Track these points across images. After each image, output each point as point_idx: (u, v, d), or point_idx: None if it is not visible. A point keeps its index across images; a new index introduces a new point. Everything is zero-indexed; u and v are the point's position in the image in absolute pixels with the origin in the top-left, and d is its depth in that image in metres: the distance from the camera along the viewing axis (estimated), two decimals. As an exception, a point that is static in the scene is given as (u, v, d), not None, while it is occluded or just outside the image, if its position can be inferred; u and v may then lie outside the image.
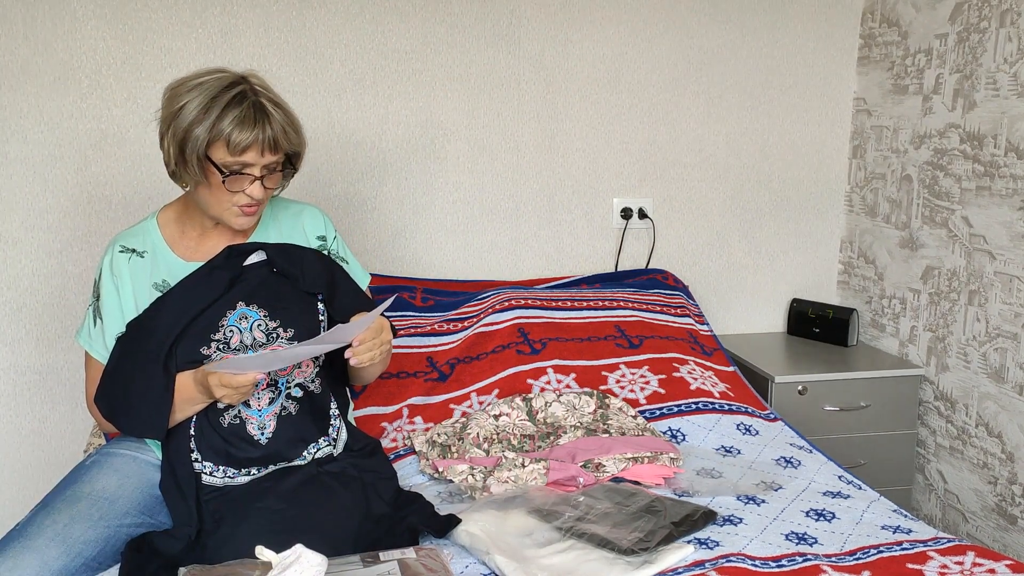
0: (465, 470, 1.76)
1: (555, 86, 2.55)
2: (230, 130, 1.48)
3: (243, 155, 1.51)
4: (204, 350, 1.56)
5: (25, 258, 2.32)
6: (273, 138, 1.52)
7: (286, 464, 1.59)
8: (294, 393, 1.61)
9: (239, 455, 1.56)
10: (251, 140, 1.49)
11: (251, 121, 1.50)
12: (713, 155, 2.69)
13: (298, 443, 1.59)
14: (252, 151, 1.51)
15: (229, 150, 1.50)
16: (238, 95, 1.50)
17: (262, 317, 1.60)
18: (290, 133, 1.56)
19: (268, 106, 1.53)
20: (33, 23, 2.23)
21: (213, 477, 1.56)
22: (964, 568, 1.42)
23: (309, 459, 1.59)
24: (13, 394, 2.37)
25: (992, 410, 2.26)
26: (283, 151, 1.57)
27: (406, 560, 1.37)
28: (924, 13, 2.43)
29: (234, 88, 1.51)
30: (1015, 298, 2.17)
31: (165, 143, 1.54)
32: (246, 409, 1.57)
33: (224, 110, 1.48)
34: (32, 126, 2.27)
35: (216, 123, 1.48)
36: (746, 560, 1.46)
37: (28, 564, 1.39)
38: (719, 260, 2.76)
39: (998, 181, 2.20)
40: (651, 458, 1.79)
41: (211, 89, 1.50)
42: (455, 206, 2.55)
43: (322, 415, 1.64)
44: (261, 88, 1.56)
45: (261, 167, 1.54)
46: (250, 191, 1.55)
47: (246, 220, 1.60)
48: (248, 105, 1.50)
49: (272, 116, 1.52)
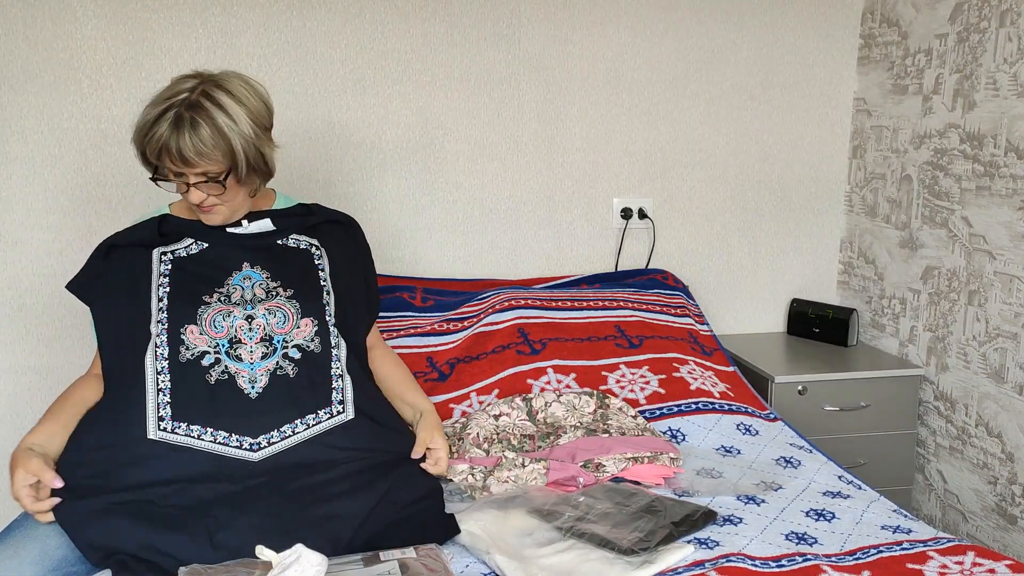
0: (465, 470, 1.76)
1: (555, 86, 2.55)
2: (144, 132, 1.52)
3: (160, 159, 1.54)
4: (205, 297, 1.59)
5: (25, 258, 2.32)
6: (178, 148, 1.50)
7: (279, 450, 1.53)
8: (292, 354, 1.59)
9: (225, 411, 1.52)
10: (156, 146, 1.51)
11: (165, 127, 1.50)
12: (713, 155, 2.69)
13: (292, 408, 1.55)
14: (166, 158, 1.53)
15: (149, 153, 1.54)
16: (176, 96, 1.52)
17: (264, 278, 1.64)
18: (208, 145, 1.51)
19: (200, 116, 1.50)
20: (33, 23, 2.23)
21: (199, 440, 1.50)
22: (964, 568, 1.42)
23: (308, 437, 1.55)
24: (13, 394, 2.37)
25: (992, 410, 2.26)
26: (199, 167, 1.54)
27: (406, 560, 1.37)
28: (924, 13, 2.43)
29: (183, 87, 1.53)
30: (1015, 298, 2.17)
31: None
32: (235, 362, 1.55)
33: (151, 108, 1.52)
34: (32, 126, 2.27)
35: (140, 123, 1.53)
36: (746, 560, 1.46)
37: (29, 553, 1.40)
38: (719, 260, 2.76)
39: (998, 181, 2.20)
40: (651, 458, 1.79)
41: (165, 89, 1.55)
42: (455, 206, 2.55)
43: (323, 379, 1.60)
44: (218, 90, 1.54)
45: (194, 175, 1.55)
46: (189, 196, 1.58)
47: (213, 218, 1.64)
48: (178, 112, 1.51)
49: (197, 126, 1.50)
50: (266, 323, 1.59)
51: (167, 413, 1.51)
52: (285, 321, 1.60)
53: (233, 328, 1.57)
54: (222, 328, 1.57)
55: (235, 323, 1.58)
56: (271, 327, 1.59)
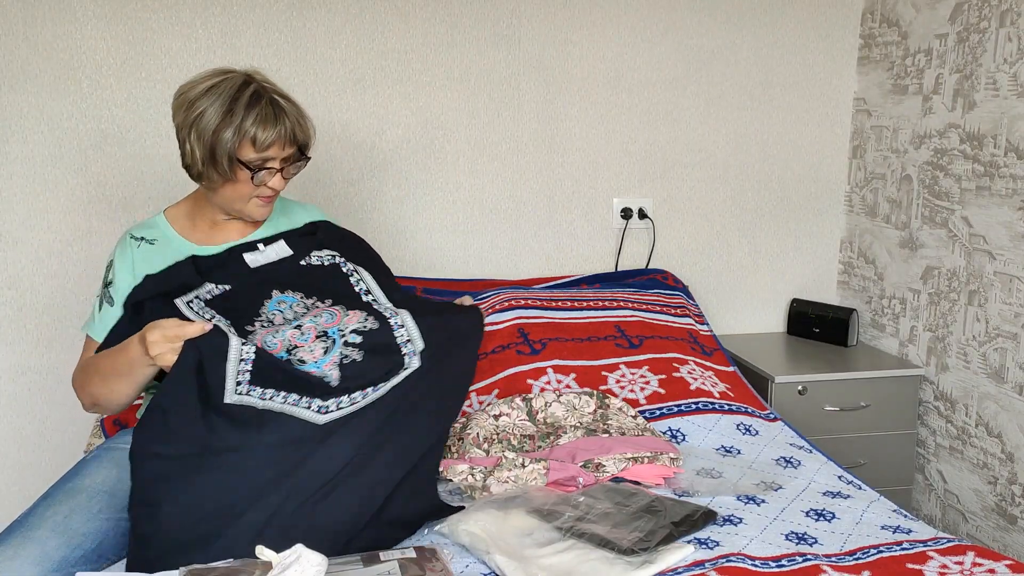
0: (465, 470, 1.76)
1: (555, 86, 2.55)
2: (255, 130, 1.57)
3: (267, 151, 1.60)
4: (248, 327, 1.60)
5: (25, 258, 2.32)
6: (292, 131, 1.62)
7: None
8: (351, 340, 1.61)
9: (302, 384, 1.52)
10: (274, 137, 1.59)
11: (272, 118, 1.59)
12: (713, 155, 2.69)
13: (368, 387, 1.57)
14: (275, 147, 1.61)
15: (256, 148, 1.59)
16: (254, 94, 1.59)
17: (299, 299, 1.67)
18: (303, 124, 1.67)
19: (281, 101, 1.63)
20: (33, 23, 2.23)
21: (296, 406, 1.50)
22: (964, 568, 1.42)
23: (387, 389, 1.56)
24: (13, 394, 2.37)
25: (992, 410, 2.26)
26: (299, 142, 1.66)
27: (406, 560, 1.37)
28: (924, 13, 2.43)
29: (248, 88, 1.59)
30: (1015, 298, 2.17)
31: (188, 147, 1.60)
32: (300, 365, 1.55)
33: (246, 111, 1.57)
34: (32, 126, 2.27)
35: (241, 124, 1.56)
36: (746, 560, 1.46)
37: (28, 554, 1.41)
38: (719, 260, 2.76)
39: (998, 181, 2.20)
40: (651, 458, 1.79)
41: (226, 92, 1.58)
42: (455, 206, 2.55)
43: (389, 351, 1.61)
44: (268, 84, 1.64)
45: (280, 159, 1.63)
46: (272, 183, 1.65)
47: (267, 210, 1.71)
48: (266, 103, 1.59)
49: (287, 111, 1.62)
50: (316, 324, 1.62)
51: (245, 379, 1.49)
52: (333, 317, 1.63)
53: (286, 339, 1.58)
54: (275, 344, 1.57)
55: (286, 334, 1.59)
56: (322, 326, 1.62)
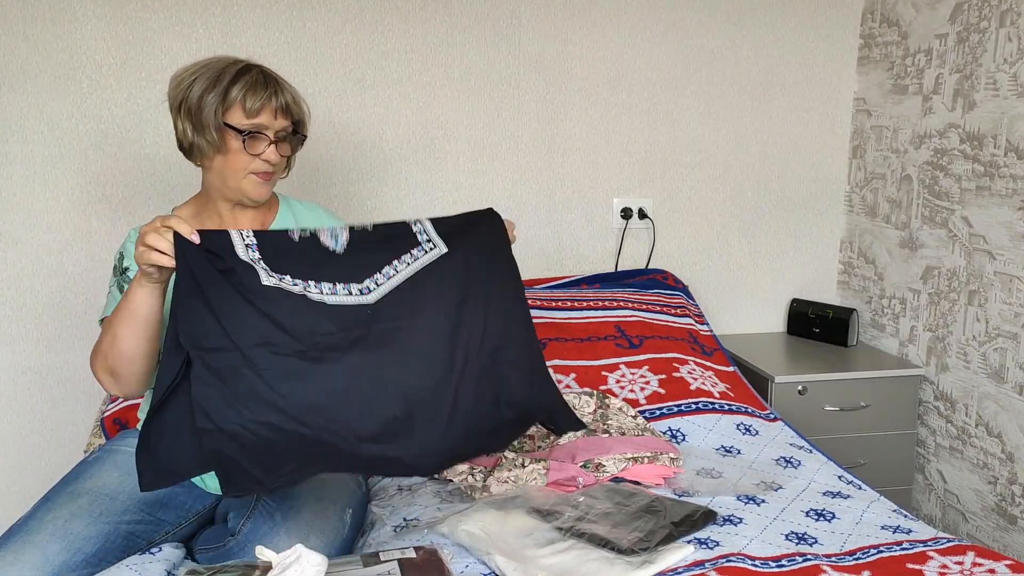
0: (465, 470, 1.76)
1: (555, 86, 2.55)
2: (243, 94, 1.56)
3: (258, 116, 1.58)
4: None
5: (26, 258, 2.32)
6: (285, 103, 1.61)
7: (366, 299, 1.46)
8: (366, 225, 1.55)
9: (312, 262, 1.47)
10: (264, 100, 1.57)
11: (262, 85, 1.58)
12: (713, 155, 2.69)
13: (392, 259, 1.53)
14: (266, 113, 1.58)
15: (245, 113, 1.57)
16: (244, 67, 1.59)
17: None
18: (297, 101, 1.65)
19: (274, 74, 1.63)
20: (33, 23, 2.23)
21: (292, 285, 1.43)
22: (964, 568, 1.42)
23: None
24: (14, 394, 2.37)
25: (992, 410, 2.26)
26: (293, 117, 1.64)
27: (406, 560, 1.37)
28: (924, 13, 2.43)
29: (239, 63, 1.60)
30: (1015, 298, 2.17)
31: (178, 123, 1.60)
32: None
33: (234, 78, 1.57)
34: (32, 126, 2.27)
35: (228, 89, 1.56)
36: (746, 560, 1.46)
37: (29, 559, 1.40)
38: (719, 260, 2.76)
39: (998, 181, 2.20)
40: (651, 458, 1.79)
41: (216, 66, 1.58)
42: (455, 206, 2.55)
43: (404, 235, 1.55)
44: (264, 67, 1.64)
45: (274, 132, 1.60)
46: (267, 155, 1.60)
47: (265, 189, 1.65)
48: (256, 72, 1.59)
49: (281, 82, 1.62)
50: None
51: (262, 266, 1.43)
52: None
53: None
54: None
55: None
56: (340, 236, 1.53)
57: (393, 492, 1.80)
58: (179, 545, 1.58)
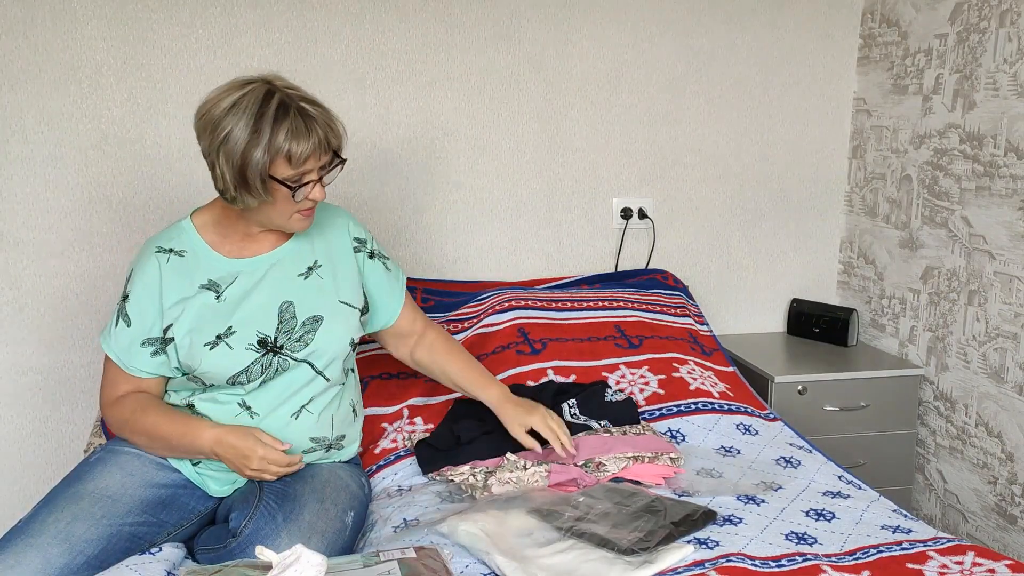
0: (466, 470, 1.76)
1: (555, 86, 2.55)
2: (288, 145, 1.48)
3: (304, 165, 1.52)
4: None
5: (26, 258, 2.32)
6: (325, 138, 1.53)
7: None
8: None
9: None
10: (310, 149, 1.50)
11: (304, 131, 1.49)
12: (713, 155, 2.69)
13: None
14: (311, 159, 1.52)
15: (291, 164, 1.50)
16: (280, 106, 1.49)
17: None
18: (334, 127, 1.56)
19: (308, 108, 1.52)
20: (33, 23, 2.23)
21: None
22: (964, 568, 1.43)
23: None
24: (14, 394, 2.37)
25: (992, 410, 2.26)
26: (333, 148, 1.57)
27: (406, 560, 1.37)
28: (924, 13, 2.43)
29: (272, 99, 1.49)
30: (1015, 298, 2.17)
31: (218, 171, 1.51)
32: None
33: (274, 126, 1.47)
34: (33, 126, 2.27)
35: (271, 141, 1.47)
36: (746, 560, 1.47)
37: (30, 562, 1.39)
38: (719, 260, 2.76)
39: (998, 181, 2.20)
40: (651, 458, 1.79)
41: (250, 107, 1.48)
42: (455, 206, 2.55)
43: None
44: (291, 90, 1.54)
45: (317, 170, 1.55)
46: (313, 195, 1.56)
47: (308, 222, 1.62)
48: (295, 114, 1.49)
49: (316, 118, 1.52)
50: None
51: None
52: None
53: None
54: None
55: None
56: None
57: (393, 492, 1.80)
58: (180, 545, 1.58)
